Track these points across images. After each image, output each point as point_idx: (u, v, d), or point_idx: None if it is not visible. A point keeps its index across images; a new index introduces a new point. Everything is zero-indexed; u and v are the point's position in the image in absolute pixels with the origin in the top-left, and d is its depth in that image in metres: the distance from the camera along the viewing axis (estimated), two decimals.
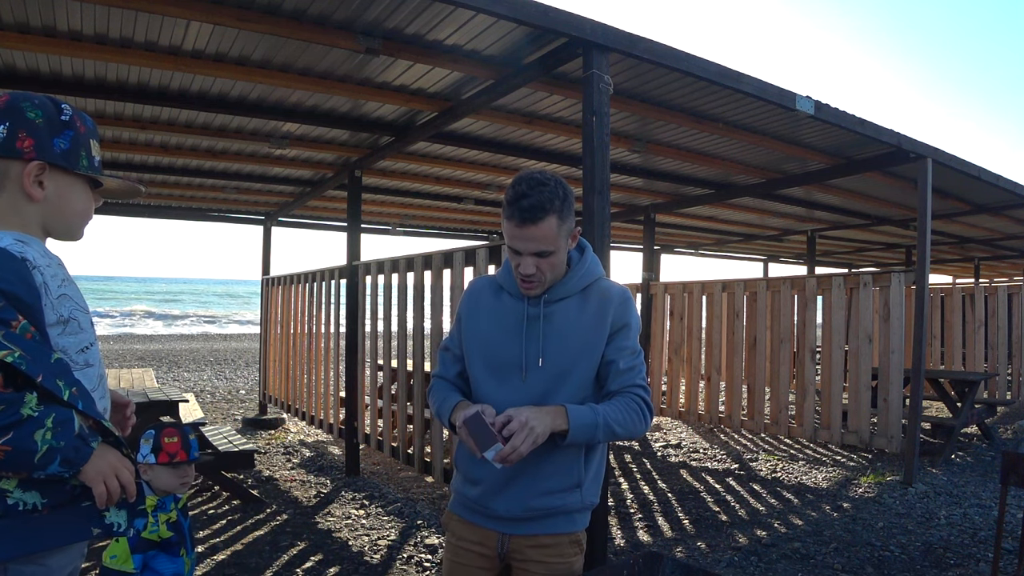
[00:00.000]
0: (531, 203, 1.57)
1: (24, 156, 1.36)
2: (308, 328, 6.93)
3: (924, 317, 5.52)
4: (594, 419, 1.59)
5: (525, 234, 1.59)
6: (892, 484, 5.42)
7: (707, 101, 4.50)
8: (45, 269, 1.36)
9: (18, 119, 1.36)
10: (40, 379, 1.24)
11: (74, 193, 1.46)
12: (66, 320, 1.39)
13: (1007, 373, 9.35)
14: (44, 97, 1.42)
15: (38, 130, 1.37)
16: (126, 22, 3.35)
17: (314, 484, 5.40)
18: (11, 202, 1.38)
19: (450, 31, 3.47)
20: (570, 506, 1.70)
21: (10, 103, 1.37)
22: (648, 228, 8.45)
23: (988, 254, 12.81)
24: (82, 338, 1.42)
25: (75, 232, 1.51)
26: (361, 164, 5.86)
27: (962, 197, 7.54)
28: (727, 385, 7.38)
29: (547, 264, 1.64)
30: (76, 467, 1.28)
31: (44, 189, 1.40)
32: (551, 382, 1.67)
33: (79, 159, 1.43)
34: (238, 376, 12.93)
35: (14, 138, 1.35)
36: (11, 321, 1.24)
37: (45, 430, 1.22)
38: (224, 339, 24.12)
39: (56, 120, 1.40)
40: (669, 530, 4.41)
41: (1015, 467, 2.70)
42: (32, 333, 1.27)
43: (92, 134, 1.49)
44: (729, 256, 13.69)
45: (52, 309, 1.35)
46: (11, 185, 1.37)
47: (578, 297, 1.73)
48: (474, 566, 1.74)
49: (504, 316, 1.74)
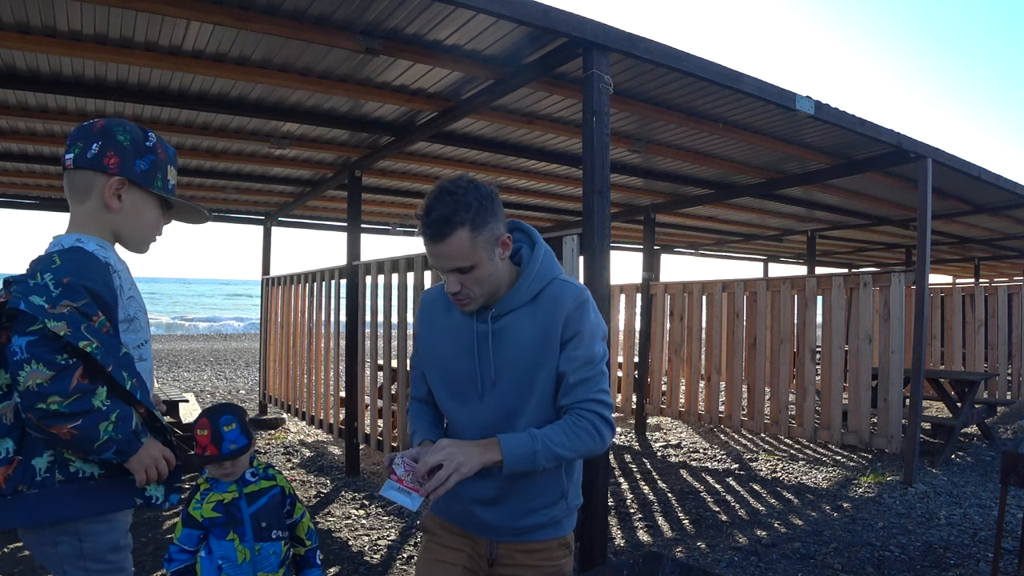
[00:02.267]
0: (436, 217, 1.45)
1: (109, 171, 1.59)
2: (308, 328, 6.93)
3: (924, 317, 5.52)
4: (531, 447, 1.48)
5: (436, 251, 1.49)
6: (892, 484, 5.42)
7: (707, 101, 4.50)
8: (123, 273, 1.61)
9: (109, 140, 1.59)
10: (110, 369, 1.47)
11: (147, 209, 1.68)
12: (131, 319, 1.62)
13: (1007, 373, 9.34)
14: (134, 125, 1.66)
15: (124, 151, 1.60)
16: (126, 22, 3.35)
17: (314, 484, 5.40)
18: (93, 210, 1.62)
19: (450, 31, 3.47)
20: (557, 516, 1.69)
21: (105, 126, 1.61)
22: (648, 228, 8.45)
23: (988, 254, 12.81)
24: (141, 335, 1.66)
25: (142, 245, 1.73)
26: (361, 164, 5.86)
27: (962, 197, 7.54)
28: (727, 385, 7.38)
29: (471, 280, 1.51)
30: (126, 457, 1.53)
31: (122, 202, 1.62)
32: (512, 401, 1.59)
33: (155, 180, 1.66)
34: (238, 376, 12.93)
35: (103, 155, 1.59)
36: (93, 316, 1.47)
37: (108, 423, 1.46)
38: (224, 339, 24.12)
39: (141, 145, 1.64)
40: (669, 530, 4.41)
41: (1015, 467, 2.70)
42: (108, 328, 1.51)
43: (171, 161, 1.72)
44: (729, 256, 13.69)
45: (123, 308, 1.59)
46: (95, 195, 1.61)
47: (529, 307, 1.59)
48: (460, 565, 1.71)
49: (456, 333, 1.65)
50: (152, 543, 3.97)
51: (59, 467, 1.51)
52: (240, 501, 2.15)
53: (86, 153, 1.58)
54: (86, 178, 1.59)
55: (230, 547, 2.11)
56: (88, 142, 1.58)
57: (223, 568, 2.11)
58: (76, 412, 1.41)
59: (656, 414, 8.24)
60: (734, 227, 10.16)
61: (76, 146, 1.59)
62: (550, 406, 1.60)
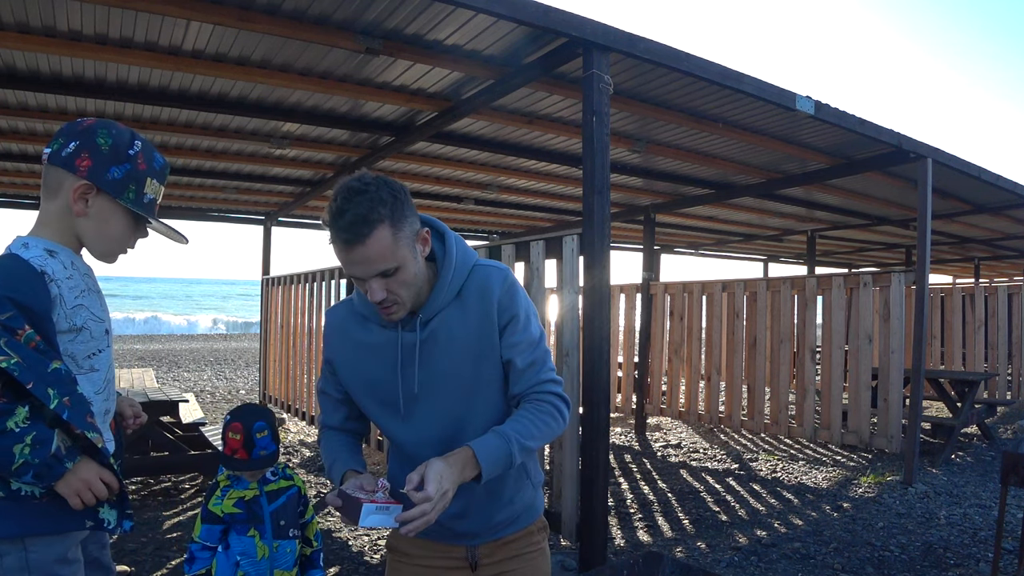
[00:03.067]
0: (351, 219, 1.30)
1: (77, 173, 1.52)
2: (308, 328, 6.92)
3: (924, 317, 5.52)
4: (507, 450, 1.39)
5: (356, 256, 1.33)
6: (892, 484, 5.42)
7: (707, 101, 4.50)
8: (64, 282, 1.50)
9: (87, 141, 1.53)
10: (31, 386, 1.34)
11: (114, 219, 1.58)
12: (78, 329, 1.52)
13: (1007, 373, 9.35)
14: (125, 130, 1.58)
15: (100, 155, 1.53)
16: (126, 22, 3.35)
17: (314, 484, 5.40)
18: (59, 210, 1.54)
19: (450, 31, 3.47)
20: (527, 500, 1.65)
21: (90, 127, 1.55)
22: (648, 228, 8.45)
23: (988, 254, 12.81)
24: (91, 346, 1.55)
25: (107, 255, 1.62)
26: (361, 164, 5.86)
27: (962, 197, 7.54)
28: (727, 385, 7.38)
29: (397, 283, 1.38)
30: (47, 481, 1.42)
31: (88, 207, 1.54)
32: (458, 406, 1.49)
33: (126, 191, 1.56)
34: (238, 376, 12.93)
35: (77, 156, 1.52)
36: (17, 330, 1.36)
37: (24, 445, 1.35)
38: (224, 339, 24.12)
39: (122, 152, 1.56)
40: (669, 530, 4.41)
41: (1015, 467, 2.70)
42: (36, 342, 1.39)
43: (154, 174, 1.62)
44: (729, 256, 13.69)
45: (65, 318, 1.49)
46: (63, 195, 1.53)
47: (456, 302, 1.48)
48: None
49: (380, 351, 1.50)
50: (152, 543, 3.97)
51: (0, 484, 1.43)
52: (261, 498, 2.17)
53: (62, 150, 1.52)
54: (57, 176, 1.53)
55: (250, 543, 2.12)
56: (68, 139, 1.53)
57: (241, 564, 2.11)
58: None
59: (656, 414, 8.24)
60: (734, 227, 10.16)
61: (57, 141, 1.54)
62: (499, 399, 1.52)
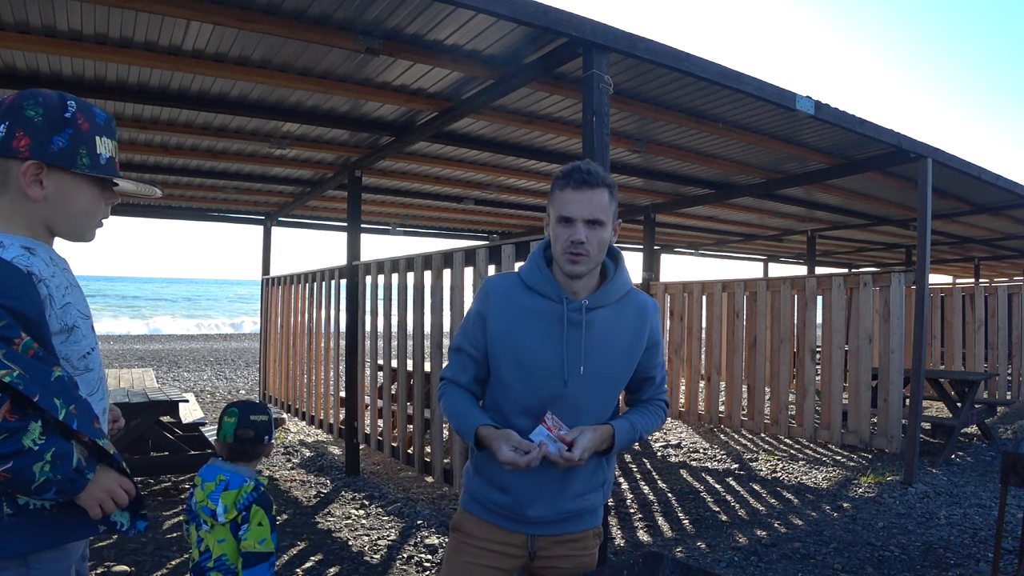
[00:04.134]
0: (590, 170, 1.64)
1: (19, 155, 1.34)
2: (308, 328, 6.92)
3: (924, 317, 5.52)
4: (633, 436, 1.73)
5: (581, 197, 1.61)
6: (892, 484, 5.42)
7: (707, 101, 4.50)
8: (50, 280, 1.35)
9: (16, 117, 1.34)
10: (37, 398, 1.24)
11: (76, 192, 1.42)
12: (70, 328, 1.39)
13: (1007, 373, 9.35)
14: (52, 94, 1.39)
15: (36, 128, 1.34)
16: (126, 22, 3.35)
17: (314, 484, 5.40)
18: (14, 202, 1.37)
19: (450, 31, 3.47)
20: (595, 503, 1.78)
21: (13, 101, 1.36)
22: (648, 228, 8.45)
23: (988, 254, 12.81)
24: (84, 344, 1.44)
25: (83, 233, 1.48)
26: (361, 164, 5.86)
27: (962, 197, 7.54)
28: (727, 385, 7.38)
29: (595, 237, 1.62)
30: (71, 495, 1.33)
31: (44, 189, 1.37)
32: (589, 390, 1.68)
33: (77, 158, 1.38)
34: (238, 376, 12.93)
35: (11, 137, 1.33)
36: (14, 339, 1.25)
37: (44, 463, 1.25)
38: (224, 339, 24.12)
39: (58, 117, 1.37)
40: (669, 530, 4.41)
41: (1015, 467, 2.70)
42: (35, 350, 1.28)
43: (100, 131, 1.44)
44: (729, 256, 13.69)
45: (57, 319, 1.36)
46: (12, 185, 1.36)
47: (615, 307, 1.72)
48: (492, 566, 1.74)
49: (541, 319, 1.67)
50: (152, 543, 3.97)
51: (6, 500, 1.34)
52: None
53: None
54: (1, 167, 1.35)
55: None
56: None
57: None
58: (5, 454, 1.21)
59: None
60: (734, 227, 10.16)
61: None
62: (614, 401, 1.77)
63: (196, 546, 2.20)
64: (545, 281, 1.67)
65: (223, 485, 2.16)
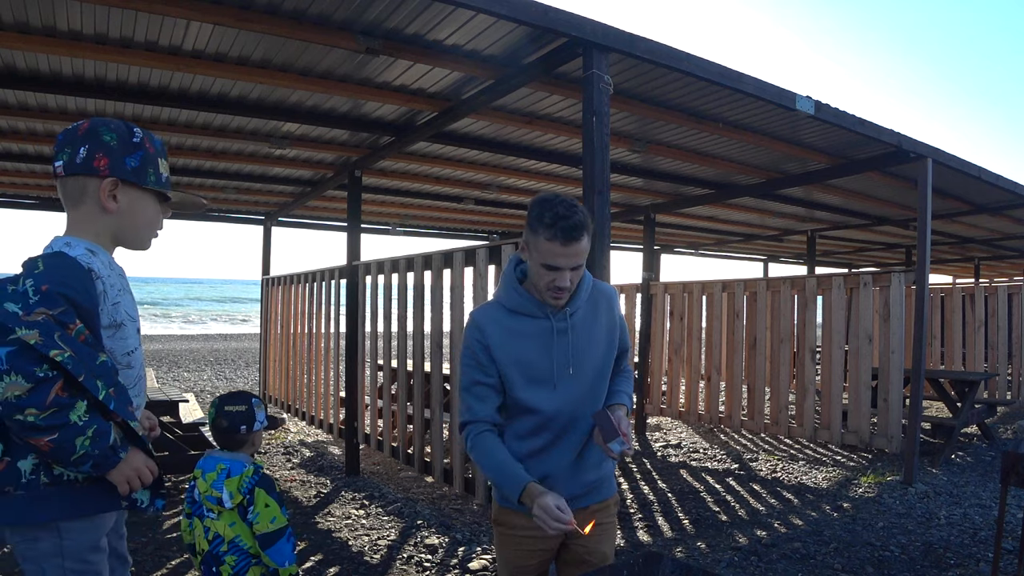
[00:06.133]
0: (573, 223, 1.73)
1: (100, 174, 1.58)
2: (308, 328, 6.92)
3: (924, 317, 5.52)
4: (631, 408, 2.01)
5: (569, 251, 1.75)
6: (892, 484, 5.42)
7: (707, 101, 4.50)
8: (107, 279, 1.58)
9: (95, 141, 1.58)
10: (82, 378, 1.43)
11: (144, 205, 1.67)
12: (118, 325, 1.61)
13: (1007, 373, 9.34)
14: (119, 122, 1.64)
15: (112, 150, 1.59)
16: (126, 22, 3.35)
17: (314, 484, 5.40)
18: (89, 213, 1.61)
19: (450, 31, 3.47)
20: (608, 471, 2.03)
21: (90, 128, 1.59)
22: (648, 228, 8.44)
23: (988, 254, 12.81)
24: (128, 343, 1.65)
25: (144, 241, 1.72)
26: (361, 164, 5.86)
27: (962, 197, 7.54)
28: (727, 385, 7.38)
29: (577, 275, 1.83)
30: (104, 470, 1.53)
31: (118, 202, 1.61)
32: (583, 386, 1.90)
33: (147, 175, 1.64)
34: (238, 376, 12.93)
35: (92, 158, 1.57)
36: (69, 324, 1.45)
37: (85, 438, 1.45)
38: (224, 339, 24.12)
39: (128, 142, 1.62)
40: (669, 530, 4.41)
41: (1015, 467, 2.70)
42: (85, 336, 1.49)
43: (160, 154, 1.70)
44: (729, 256, 13.69)
45: (107, 314, 1.57)
46: (89, 199, 1.60)
47: (587, 304, 1.94)
48: (536, 548, 1.96)
49: (536, 337, 1.88)
50: (152, 543, 3.97)
51: (44, 470, 1.52)
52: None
53: (75, 158, 1.57)
54: (78, 184, 1.58)
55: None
56: (76, 147, 1.57)
57: None
58: (52, 425, 1.40)
59: (656, 414, 8.24)
60: (734, 227, 10.16)
61: (64, 152, 1.58)
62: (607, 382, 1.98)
63: (204, 536, 2.24)
64: (527, 302, 1.87)
65: (224, 473, 2.22)
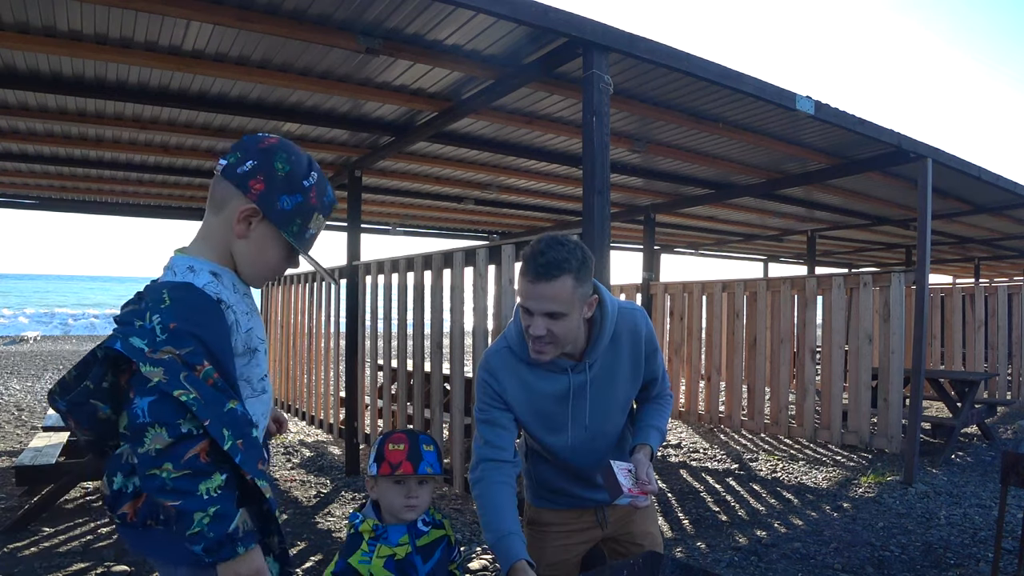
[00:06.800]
0: (548, 259, 1.56)
1: (248, 195, 1.47)
2: (308, 328, 6.93)
3: (924, 317, 5.52)
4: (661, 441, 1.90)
5: (538, 291, 1.57)
6: (892, 484, 5.42)
7: (707, 101, 4.50)
8: (236, 306, 1.48)
9: (265, 163, 1.48)
10: (207, 423, 1.31)
11: (274, 247, 1.54)
12: (252, 351, 1.53)
13: (1007, 373, 9.35)
14: (304, 158, 1.53)
15: (274, 181, 1.47)
16: (126, 22, 3.35)
17: (314, 484, 5.40)
18: (221, 226, 1.51)
19: (450, 31, 3.47)
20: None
21: (270, 148, 1.49)
22: (648, 228, 8.45)
23: (988, 254, 12.81)
24: (262, 367, 1.57)
25: (257, 280, 1.59)
26: (361, 164, 5.86)
27: (962, 197, 7.54)
28: (727, 385, 7.38)
29: (558, 327, 1.61)
30: (215, 560, 1.33)
31: (250, 231, 1.50)
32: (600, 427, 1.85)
33: (292, 224, 1.51)
34: None
35: (251, 176, 1.47)
36: (197, 366, 1.33)
37: (204, 515, 1.29)
38: None
39: (297, 182, 1.49)
40: (669, 530, 4.41)
41: (1015, 467, 2.70)
42: (214, 380, 1.36)
43: (322, 209, 1.56)
44: (729, 256, 13.69)
45: (241, 342, 1.49)
46: (227, 212, 1.50)
47: (610, 345, 1.78)
48: (575, 543, 1.96)
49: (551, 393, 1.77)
50: None
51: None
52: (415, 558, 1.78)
53: (238, 167, 1.47)
54: (227, 191, 1.49)
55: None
56: (246, 156, 1.48)
57: None
58: (178, 490, 1.28)
59: None
60: (734, 227, 10.16)
61: (234, 155, 1.50)
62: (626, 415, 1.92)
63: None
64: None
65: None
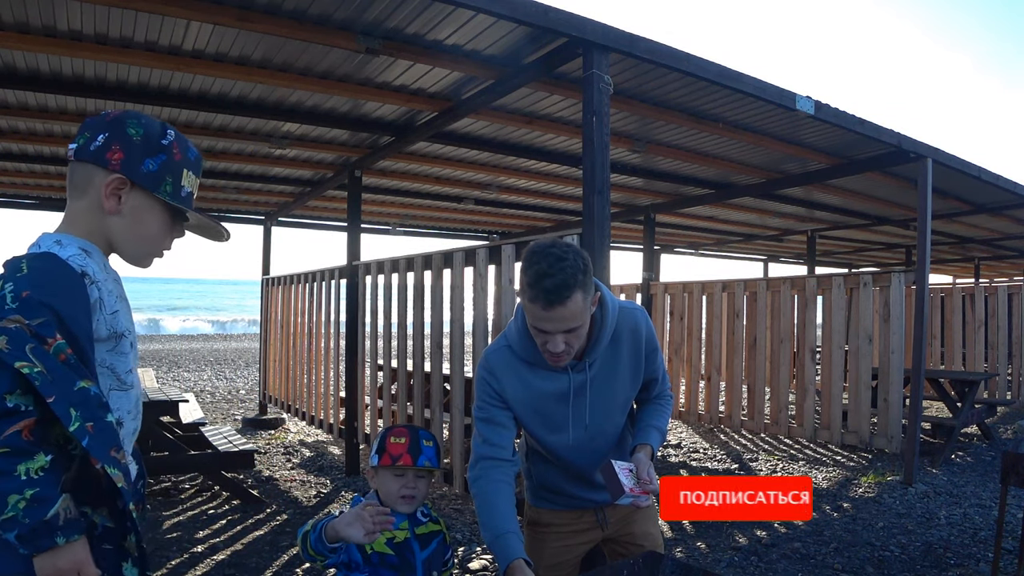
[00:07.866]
0: (555, 283, 1.50)
1: (109, 167, 1.38)
2: (308, 328, 6.93)
3: (924, 317, 5.52)
4: (662, 440, 1.88)
5: (553, 315, 1.53)
6: (892, 484, 5.42)
7: (707, 101, 4.50)
8: (103, 284, 1.36)
9: (117, 132, 1.39)
10: (51, 400, 1.18)
11: (150, 216, 1.44)
12: (118, 336, 1.39)
13: (1007, 373, 9.35)
14: (156, 121, 1.45)
15: (132, 146, 1.39)
16: (126, 22, 3.35)
17: (314, 484, 5.40)
18: (88, 208, 1.40)
19: (450, 31, 3.47)
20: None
21: (118, 117, 1.41)
22: (648, 228, 8.45)
23: (988, 254, 12.81)
24: (129, 360, 1.43)
25: (142, 259, 1.49)
26: (361, 164, 5.86)
27: (962, 197, 7.54)
28: (727, 385, 7.38)
29: (574, 337, 1.61)
30: (29, 549, 1.18)
31: (121, 204, 1.40)
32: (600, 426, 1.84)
33: (163, 183, 1.43)
34: (238, 376, 12.93)
35: (107, 148, 1.38)
36: (48, 338, 1.21)
37: (20, 498, 1.15)
38: (224, 339, 24.11)
39: (155, 142, 1.42)
40: (669, 530, 4.41)
41: (1015, 467, 2.70)
42: (67, 355, 1.22)
43: (190, 165, 1.48)
44: (729, 256, 13.69)
45: (106, 324, 1.36)
46: (92, 192, 1.40)
47: (610, 344, 1.76)
48: (575, 543, 1.96)
49: (552, 392, 1.76)
50: (152, 543, 3.97)
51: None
52: (412, 543, 1.85)
53: (90, 144, 1.38)
54: (86, 172, 1.39)
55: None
56: (95, 132, 1.39)
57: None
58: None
59: None
60: (734, 227, 10.16)
61: (83, 135, 1.40)
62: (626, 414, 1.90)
63: None
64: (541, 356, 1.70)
65: None
